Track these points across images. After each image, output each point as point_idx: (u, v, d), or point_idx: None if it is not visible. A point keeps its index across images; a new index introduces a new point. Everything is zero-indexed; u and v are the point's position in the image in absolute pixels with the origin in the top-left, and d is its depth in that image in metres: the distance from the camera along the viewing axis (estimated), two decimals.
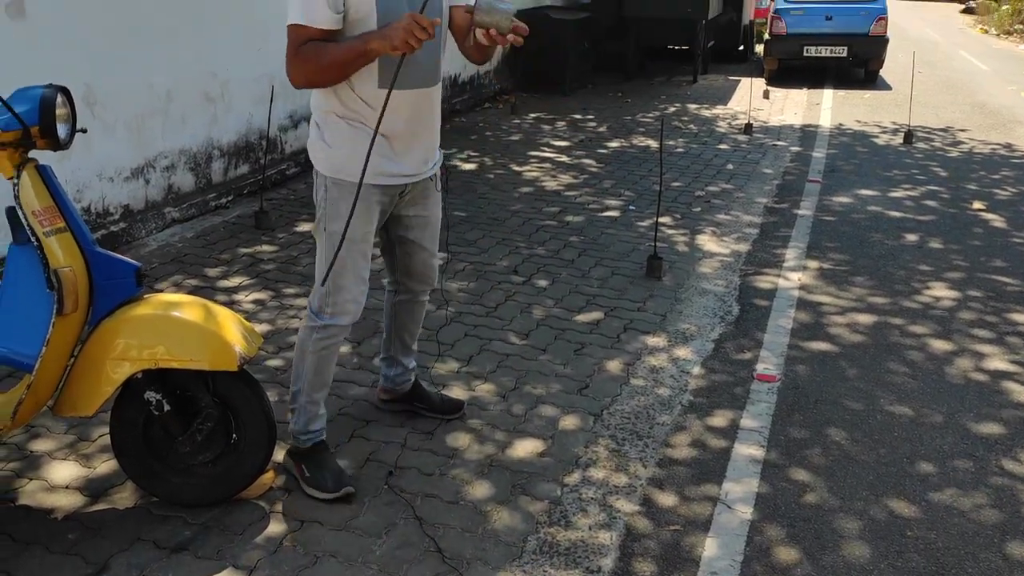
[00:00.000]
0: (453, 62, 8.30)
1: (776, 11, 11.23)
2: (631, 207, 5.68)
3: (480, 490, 2.61)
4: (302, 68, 2.21)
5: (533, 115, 8.63)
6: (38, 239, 2.12)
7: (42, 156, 2.28)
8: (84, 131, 2.59)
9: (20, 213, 2.11)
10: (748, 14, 13.40)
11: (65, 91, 2.26)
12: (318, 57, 2.18)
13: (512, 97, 9.16)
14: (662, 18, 10.55)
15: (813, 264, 4.72)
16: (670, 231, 5.17)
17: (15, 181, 2.12)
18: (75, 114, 2.32)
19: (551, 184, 6.16)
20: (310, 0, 2.16)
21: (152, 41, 4.32)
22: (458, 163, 6.64)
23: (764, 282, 4.45)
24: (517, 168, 6.57)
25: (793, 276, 4.53)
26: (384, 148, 2.35)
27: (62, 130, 2.25)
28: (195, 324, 2.29)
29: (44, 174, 2.22)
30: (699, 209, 5.66)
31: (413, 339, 2.90)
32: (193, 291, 3.98)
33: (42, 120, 2.17)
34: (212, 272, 4.22)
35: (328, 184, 2.39)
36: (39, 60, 3.77)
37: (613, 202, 5.78)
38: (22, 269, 2.15)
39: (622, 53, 11.14)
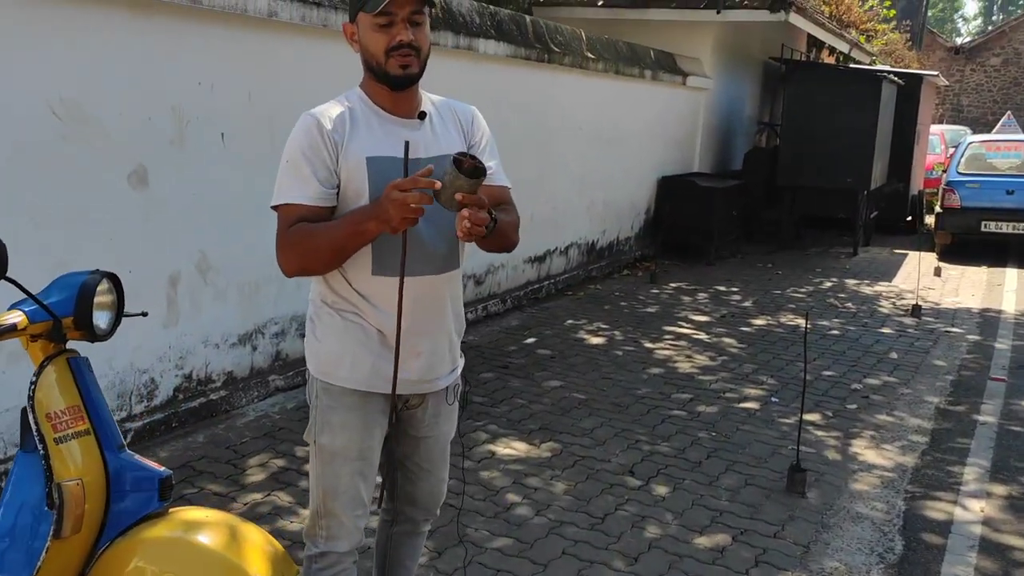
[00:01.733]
0: (592, 224, 8.11)
1: (949, 183, 10.46)
2: (774, 398, 5.03)
3: None
4: (291, 253, 1.91)
5: (673, 285, 8.21)
6: (45, 446, 1.86)
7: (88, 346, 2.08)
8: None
9: (31, 416, 1.87)
10: (917, 184, 12.64)
11: (113, 277, 2.07)
12: (309, 240, 1.88)
13: (653, 265, 8.81)
14: (820, 188, 10.04)
15: (999, 490, 3.89)
16: (819, 432, 4.48)
17: (33, 379, 1.90)
18: (122, 301, 2.12)
19: (684, 365, 5.63)
20: (298, 175, 1.90)
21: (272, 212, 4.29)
22: (585, 336, 6.26)
23: (936, 510, 3.67)
24: (649, 345, 6.10)
25: (974, 505, 3.72)
26: (379, 346, 1.98)
27: (102, 319, 2.04)
28: (214, 552, 1.93)
29: (75, 367, 1.99)
30: (855, 406, 4.94)
31: None
32: (279, 472, 3.70)
33: (77, 310, 1.96)
34: (302, 452, 3.95)
35: (319, 389, 2.04)
36: (158, 227, 3.78)
37: (753, 391, 5.16)
38: (24, 482, 1.89)
39: (775, 221, 10.65)
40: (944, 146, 16.20)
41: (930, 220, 13.62)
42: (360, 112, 1.95)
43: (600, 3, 9.94)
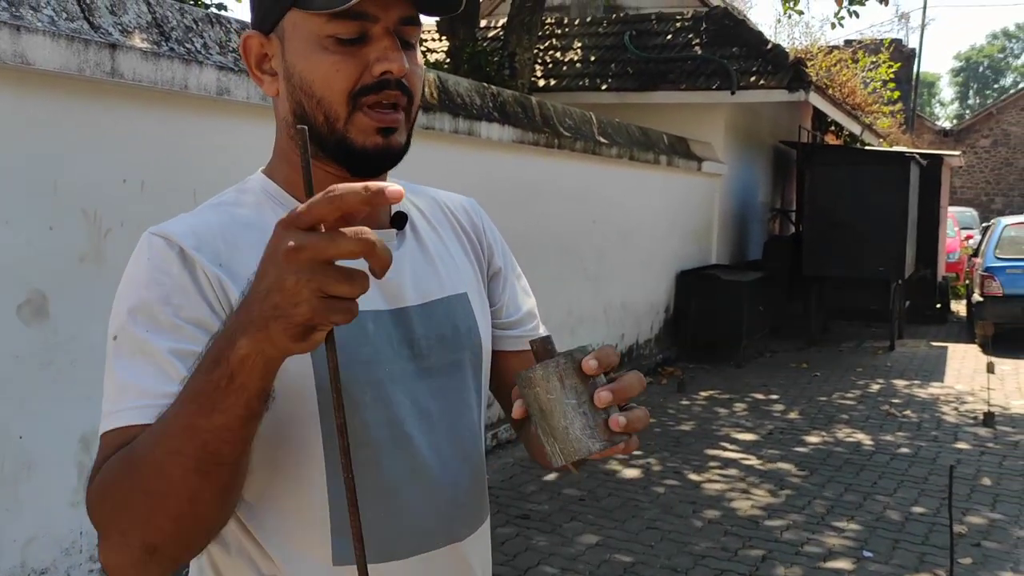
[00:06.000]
0: (610, 329, 7.15)
1: (987, 269, 9.64)
2: (866, 552, 3.99)
3: None
4: (104, 508, 0.82)
5: (704, 394, 7.21)
6: None
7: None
8: None
9: None
10: (941, 269, 11.85)
11: None
12: (126, 465, 0.80)
13: (678, 371, 7.83)
14: (849, 278, 9.19)
15: None
16: None
17: None
18: None
19: (743, 504, 4.60)
20: (144, 362, 0.85)
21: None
22: (617, 467, 5.22)
23: None
24: (694, 476, 5.06)
25: None
26: None
27: None
28: None
29: None
30: (969, 560, 3.90)
31: None
32: None
33: None
34: None
35: None
36: (63, 373, 2.80)
37: (837, 541, 4.12)
38: None
39: (802, 315, 9.75)
40: (957, 228, 15.55)
41: (957, 307, 12.81)
42: (274, 223, 0.94)
43: (604, 87, 9.28)
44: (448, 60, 8.90)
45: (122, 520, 0.81)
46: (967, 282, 12.14)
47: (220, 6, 7.72)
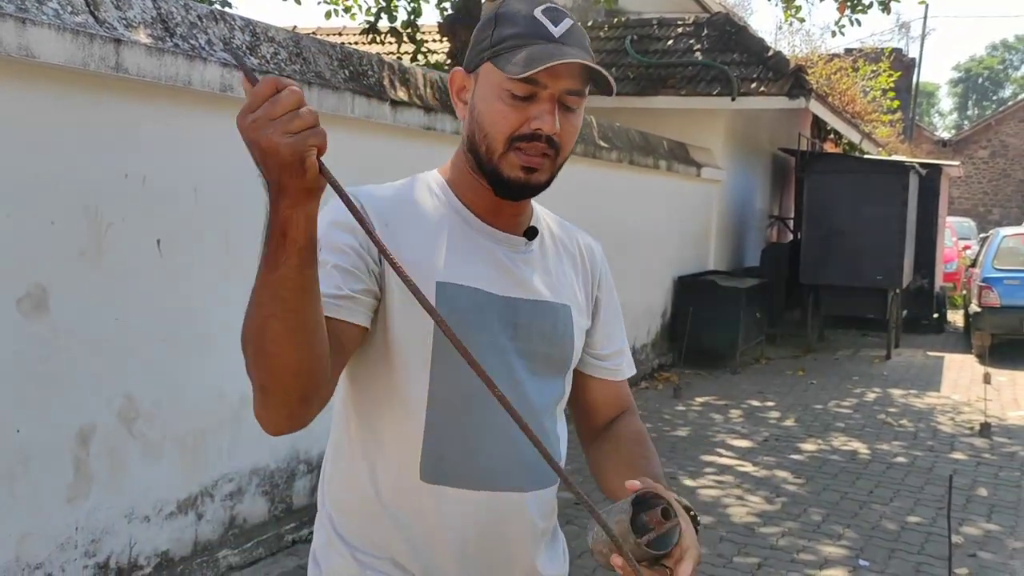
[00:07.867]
0: None
1: (985, 280, 9.66)
2: (862, 562, 4.00)
3: None
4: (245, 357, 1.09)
5: (700, 399, 7.21)
6: None
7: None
8: None
9: None
10: (938, 279, 11.87)
11: None
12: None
13: (674, 377, 7.83)
14: (847, 286, 9.20)
15: None
16: None
17: None
18: None
19: (738, 511, 4.60)
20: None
21: (226, 339, 3.29)
22: None
23: None
24: (690, 482, 5.06)
25: None
26: None
27: None
28: None
29: None
30: (966, 571, 3.91)
31: None
32: None
33: None
34: None
35: None
36: (63, 367, 2.79)
37: (832, 549, 4.12)
38: None
39: (798, 323, 9.76)
40: (955, 239, 15.58)
41: (954, 318, 12.84)
42: (437, 208, 1.24)
43: None
44: (449, 61, 8.91)
45: (248, 366, 1.04)
46: (964, 292, 12.17)
47: (225, 3, 7.72)
